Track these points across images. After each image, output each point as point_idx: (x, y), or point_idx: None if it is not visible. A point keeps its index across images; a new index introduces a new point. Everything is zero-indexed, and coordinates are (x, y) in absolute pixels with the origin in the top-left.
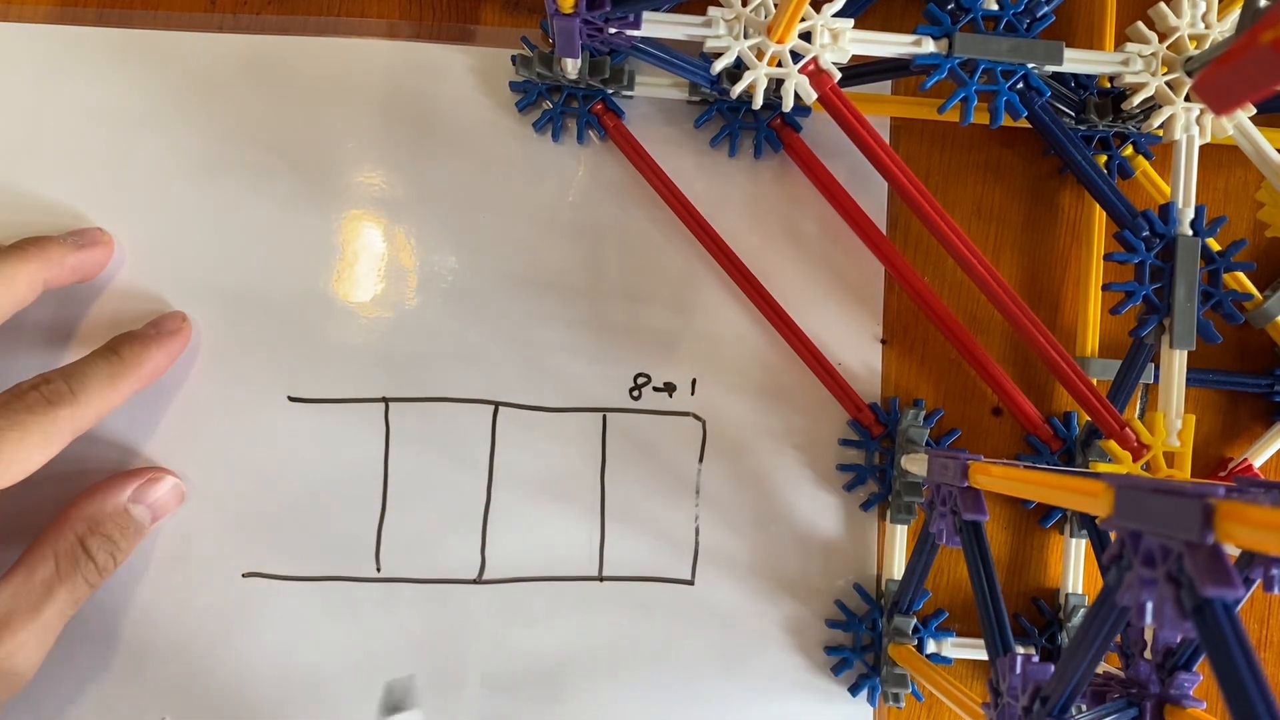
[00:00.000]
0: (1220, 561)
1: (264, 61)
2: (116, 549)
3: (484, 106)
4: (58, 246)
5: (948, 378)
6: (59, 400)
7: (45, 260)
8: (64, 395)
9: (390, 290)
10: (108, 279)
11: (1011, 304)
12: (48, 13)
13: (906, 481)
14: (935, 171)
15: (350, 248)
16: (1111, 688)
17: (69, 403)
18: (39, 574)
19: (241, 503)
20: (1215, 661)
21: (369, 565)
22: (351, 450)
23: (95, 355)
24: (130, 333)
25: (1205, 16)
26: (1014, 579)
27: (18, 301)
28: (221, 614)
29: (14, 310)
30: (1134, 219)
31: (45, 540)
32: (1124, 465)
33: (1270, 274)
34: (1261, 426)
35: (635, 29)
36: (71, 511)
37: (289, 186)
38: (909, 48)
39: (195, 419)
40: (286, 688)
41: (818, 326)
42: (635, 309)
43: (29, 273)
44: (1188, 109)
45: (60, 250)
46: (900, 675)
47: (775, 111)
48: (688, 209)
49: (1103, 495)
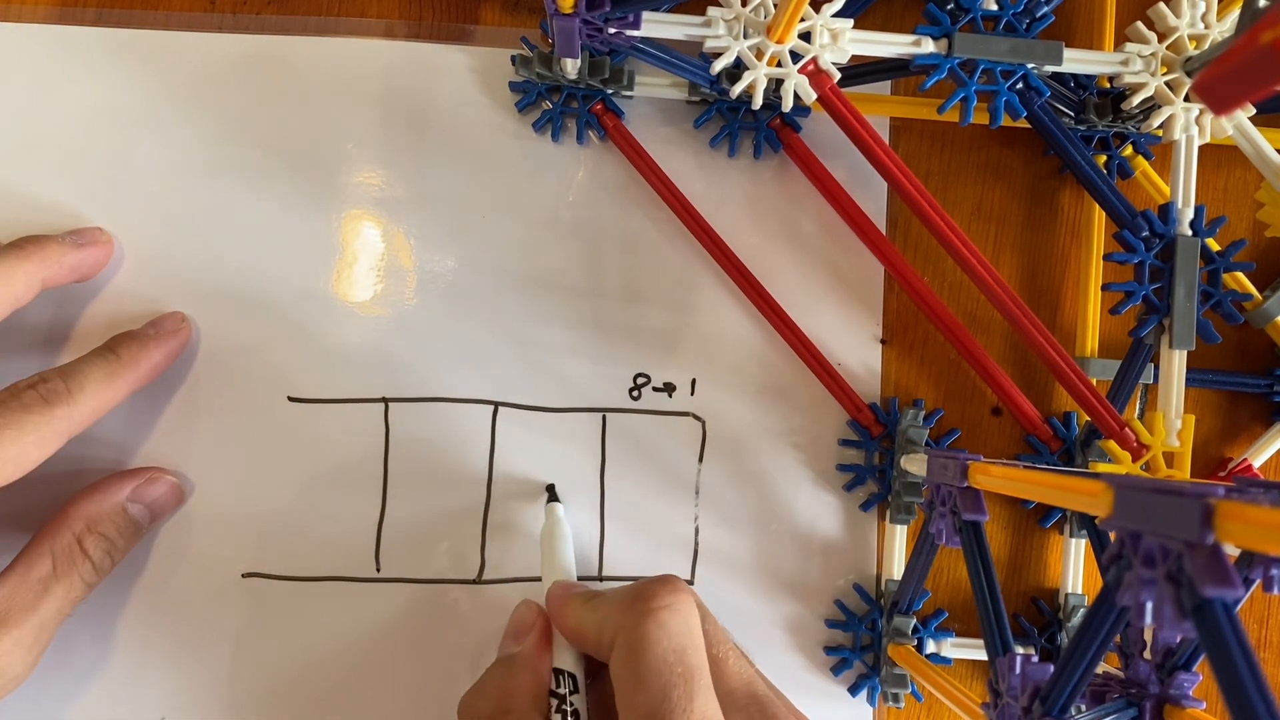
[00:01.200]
0: (1220, 561)
1: (263, 61)
2: (114, 548)
3: (483, 106)
4: (56, 245)
5: (948, 378)
6: (56, 399)
7: (43, 259)
8: (61, 394)
9: (390, 290)
10: (107, 278)
11: (1011, 304)
12: (47, 12)
13: (906, 481)
14: (935, 171)
15: (350, 247)
16: (1111, 688)
17: (66, 402)
18: (35, 572)
19: (241, 503)
20: (1215, 661)
21: (369, 565)
22: (351, 450)
23: (93, 354)
24: (129, 332)
25: (1205, 16)
26: (1014, 579)
27: (15, 300)
28: (221, 614)
29: (12, 309)
30: (1134, 219)
31: (42, 539)
32: (1124, 465)
33: (1270, 274)
34: (1261, 426)
35: (635, 29)
36: (69, 510)
37: (289, 186)
38: (909, 48)
39: (195, 419)
40: (286, 688)
41: (817, 326)
42: (635, 309)
43: (27, 271)
44: (1187, 109)
45: (59, 249)
46: (900, 675)
47: (775, 111)
48: (688, 209)
49: (1102, 495)
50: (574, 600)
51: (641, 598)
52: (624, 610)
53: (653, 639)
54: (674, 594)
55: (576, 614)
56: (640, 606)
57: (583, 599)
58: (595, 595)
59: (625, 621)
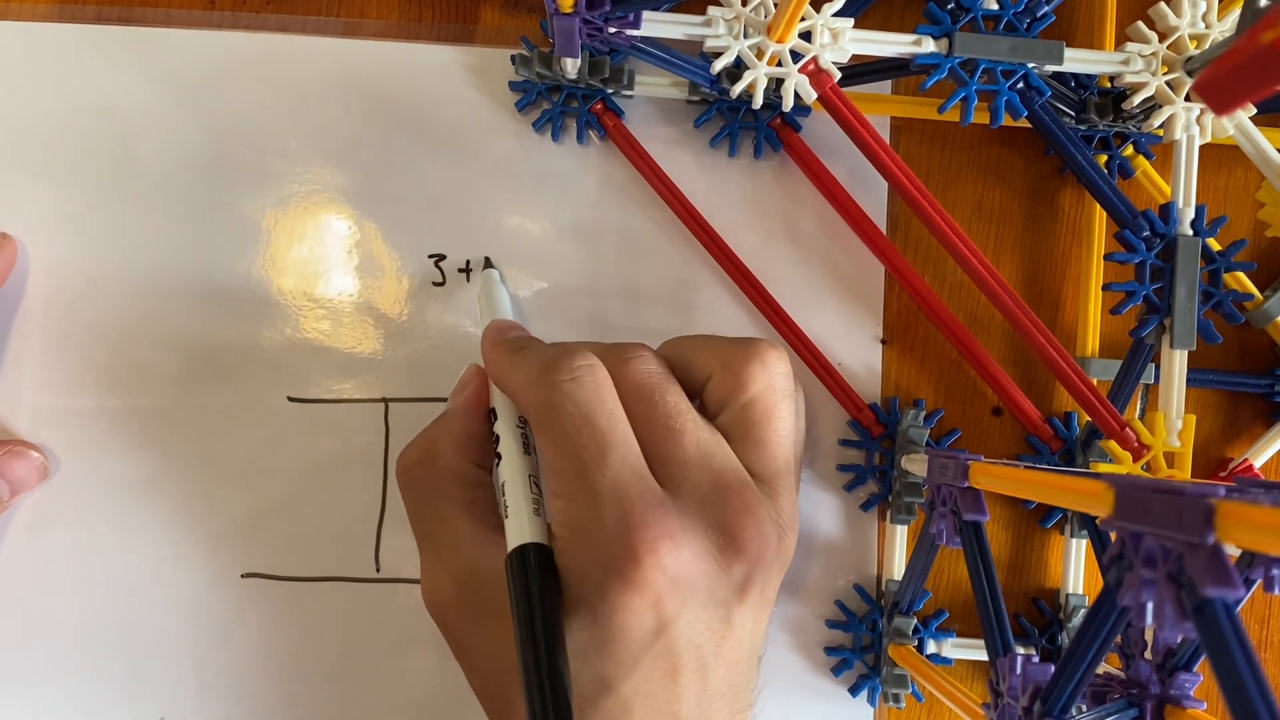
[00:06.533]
0: (1221, 562)
1: (263, 60)
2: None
3: (483, 106)
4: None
5: (948, 378)
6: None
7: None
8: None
9: (390, 290)
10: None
11: (1012, 304)
12: (47, 10)
13: (906, 482)
14: (935, 171)
15: (349, 247)
16: (1112, 688)
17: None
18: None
19: (241, 503)
20: (1215, 662)
21: (369, 565)
22: (351, 450)
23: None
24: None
25: (1205, 16)
26: (1014, 579)
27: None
28: (221, 614)
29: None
30: (1134, 219)
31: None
32: (1124, 465)
33: (1270, 274)
34: (1262, 427)
35: (635, 29)
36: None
37: (288, 185)
38: (909, 47)
39: (195, 419)
40: (286, 688)
41: (818, 326)
42: (635, 309)
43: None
44: (1188, 109)
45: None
46: (900, 676)
47: (775, 111)
48: (688, 209)
49: (1103, 495)
50: (500, 349)
51: (550, 369)
52: (535, 383)
53: (558, 408)
54: (583, 365)
55: (499, 365)
56: (548, 379)
57: (508, 350)
58: (520, 348)
59: (536, 394)
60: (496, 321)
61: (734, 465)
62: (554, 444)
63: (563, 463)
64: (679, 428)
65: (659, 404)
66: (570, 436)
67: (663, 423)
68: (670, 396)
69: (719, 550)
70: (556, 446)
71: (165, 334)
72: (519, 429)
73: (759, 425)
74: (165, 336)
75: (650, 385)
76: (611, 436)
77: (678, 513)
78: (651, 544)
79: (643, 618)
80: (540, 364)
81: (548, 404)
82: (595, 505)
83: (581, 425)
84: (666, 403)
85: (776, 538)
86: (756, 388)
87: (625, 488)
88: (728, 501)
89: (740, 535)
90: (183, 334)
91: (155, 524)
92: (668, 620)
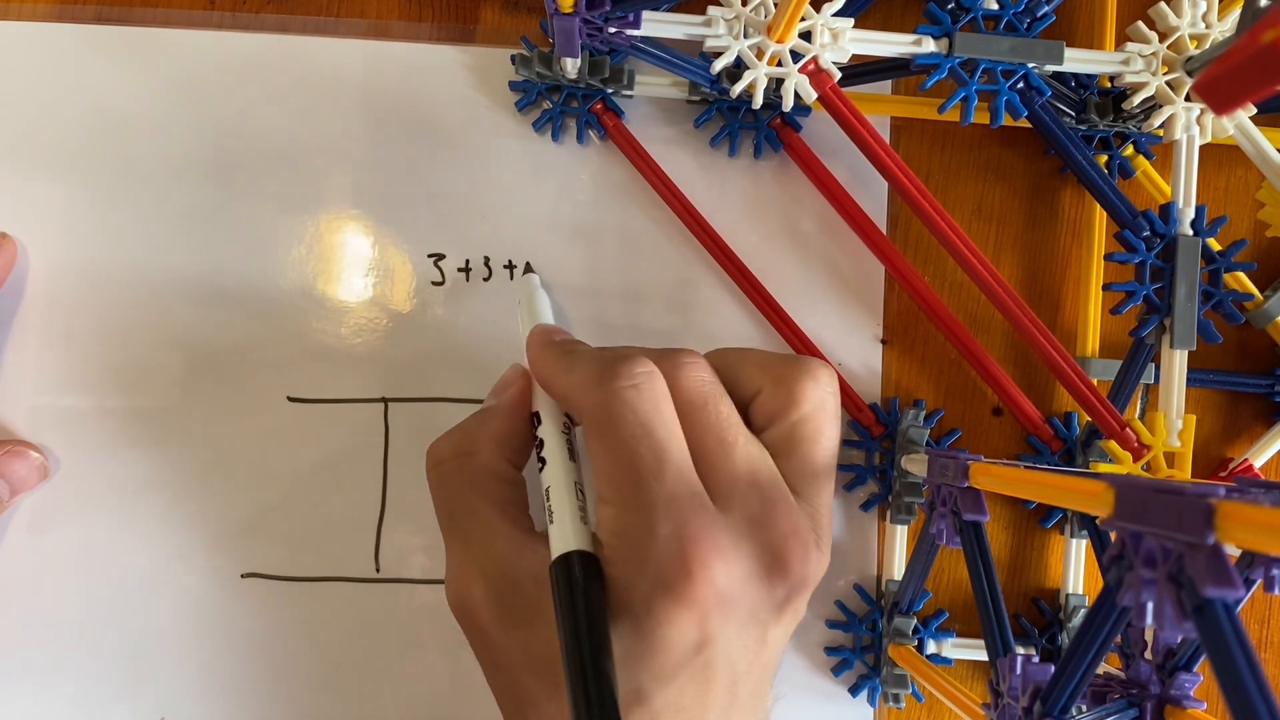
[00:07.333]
0: (1221, 562)
1: (262, 60)
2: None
3: (483, 106)
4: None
5: (948, 378)
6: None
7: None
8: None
9: (389, 290)
10: (103, 274)
11: (1012, 304)
12: (47, 10)
13: (907, 482)
14: (935, 171)
15: (349, 247)
16: (1112, 688)
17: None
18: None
19: (241, 503)
20: (1216, 662)
21: (369, 565)
22: (351, 450)
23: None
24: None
25: (1205, 16)
26: (1014, 579)
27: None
28: (222, 614)
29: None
30: (1134, 219)
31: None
32: (1124, 465)
33: (1270, 274)
34: (1262, 427)
35: (635, 28)
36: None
37: (288, 185)
38: (909, 47)
39: (195, 419)
40: (287, 687)
41: (818, 326)
42: (635, 309)
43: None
44: (1188, 109)
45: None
46: (900, 676)
47: (775, 111)
48: (688, 209)
49: (1103, 495)
50: (549, 351)
51: (609, 375)
52: (593, 385)
53: (618, 416)
54: (641, 372)
55: (549, 367)
56: (607, 385)
57: (557, 352)
58: (571, 351)
59: (593, 398)
60: (542, 325)
61: (780, 483)
62: (609, 451)
63: (617, 471)
64: (730, 440)
65: (712, 414)
66: (628, 445)
67: (715, 435)
68: (723, 407)
69: (766, 570)
70: (612, 454)
71: (165, 334)
72: (564, 434)
73: (807, 443)
74: (165, 336)
75: (704, 395)
76: (669, 448)
77: (729, 529)
78: (704, 559)
79: (687, 632)
80: (597, 368)
81: (605, 410)
82: (649, 516)
83: (640, 434)
84: (720, 413)
85: (817, 559)
86: (809, 406)
87: (680, 501)
88: (775, 522)
89: (788, 558)
90: (182, 334)
91: (155, 524)
92: (710, 637)
